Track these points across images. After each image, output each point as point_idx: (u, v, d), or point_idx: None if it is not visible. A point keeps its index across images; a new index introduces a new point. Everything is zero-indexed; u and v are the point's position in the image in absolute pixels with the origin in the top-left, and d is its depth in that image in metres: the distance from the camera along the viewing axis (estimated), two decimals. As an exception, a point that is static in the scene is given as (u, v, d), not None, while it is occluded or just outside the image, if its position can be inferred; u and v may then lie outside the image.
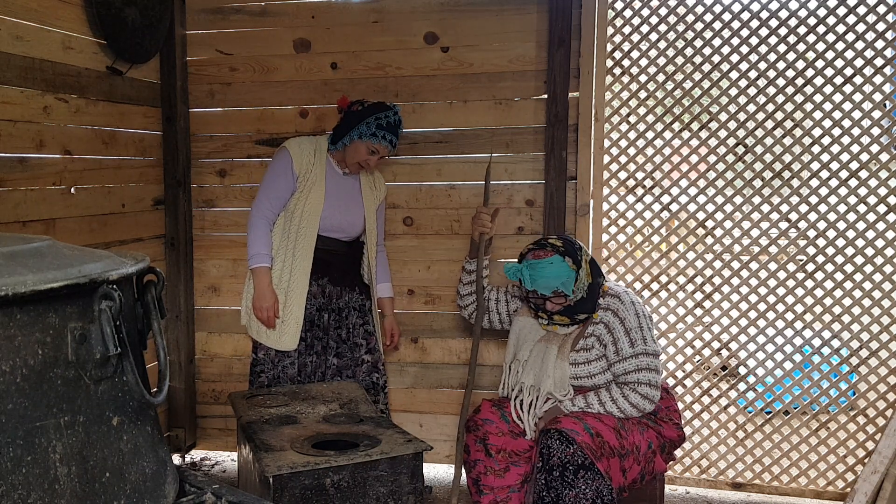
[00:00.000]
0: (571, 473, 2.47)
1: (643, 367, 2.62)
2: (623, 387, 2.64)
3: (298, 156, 3.00)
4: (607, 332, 2.67)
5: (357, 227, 3.12)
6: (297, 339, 3.00)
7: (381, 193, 3.24)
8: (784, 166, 3.16)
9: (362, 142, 2.94)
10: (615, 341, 2.65)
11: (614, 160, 3.29)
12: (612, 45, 3.23)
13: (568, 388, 2.68)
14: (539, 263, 2.64)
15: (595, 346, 2.68)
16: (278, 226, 3.02)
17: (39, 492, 1.09)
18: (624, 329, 2.65)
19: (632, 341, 2.64)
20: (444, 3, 3.35)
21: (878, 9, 3.00)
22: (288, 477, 2.04)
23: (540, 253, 2.68)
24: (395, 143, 3.00)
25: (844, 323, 3.15)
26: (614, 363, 2.66)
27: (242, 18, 3.54)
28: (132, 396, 1.26)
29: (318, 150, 3.06)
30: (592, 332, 2.70)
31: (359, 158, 2.98)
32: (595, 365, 2.68)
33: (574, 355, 2.69)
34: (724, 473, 3.32)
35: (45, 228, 2.81)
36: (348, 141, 2.98)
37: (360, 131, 2.94)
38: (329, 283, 3.08)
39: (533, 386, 2.73)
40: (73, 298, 1.14)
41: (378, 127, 2.92)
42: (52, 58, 2.85)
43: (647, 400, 2.62)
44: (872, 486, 2.96)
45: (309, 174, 3.00)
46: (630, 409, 2.62)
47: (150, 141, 3.51)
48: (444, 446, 3.50)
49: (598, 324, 2.69)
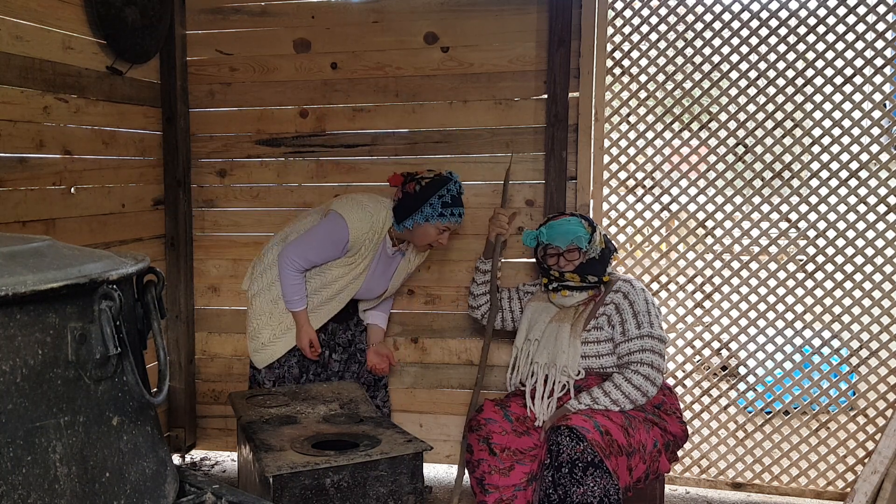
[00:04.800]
0: (580, 471, 2.47)
1: (647, 348, 2.67)
2: (625, 370, 2.67)
3: (357, 237, 2.85)
4: (616, 313, 2.75)
5: (376, 296, 3.12)
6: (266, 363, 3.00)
7: (420, 261, 3.18)
8: (784, 166, 3.16)
9: (431, 224, 2.80)
10: (623, 322, 2.73)
11: (614, 160, 3.29)
12: (612, 45, 3.23)
13: (580, 368, 2.74)
14: (557, 222, 2.83)
15: (605, 326, 2.76)
16: (310, 280, 2.94)
17: (39, 492, 1.09)
18: (633, 311, 2.73)
19: (639, 323, 2.71)
20: (444, 3, 3.35)
21: (878, 9, 3.00)
22: (288, 477, 2.04)
23: (559, 216, 2.88)
24: (463, 214, 2.85)
25: (844, 323, 3.15)
26: (619, 343, 2.71)
27: (242, 18, 3.54)
28: (132, 396, 1.26)
29: (378, 230, 2.89)
30: (603, 311, 2.77)
31: (429, 240, 2.86)
32: (604, 346, 2.75)
33: (585, 334, 2.76)
34: (724, 473, 3.32)
35: (45, 228, 2.81)
36: (412, 225, 2.82)
37: (425, 214, 2.78)
38: (332, 321, 3.08)
39: (547, 363, 2.77)
40: (73, 298, 1.14)
41: (444, 206, 2.77)
42: (52, 58, 2.85)
43: (649, 381, 2.65)
44: (872, 486, 2.96)
45: (360, 256, 2.90)
46: (634, 393, 2.64)
47: (150, 141, 3.51)
48: (444, 446, 3.50)
49: (609, 304, 2.77)
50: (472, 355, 3.48)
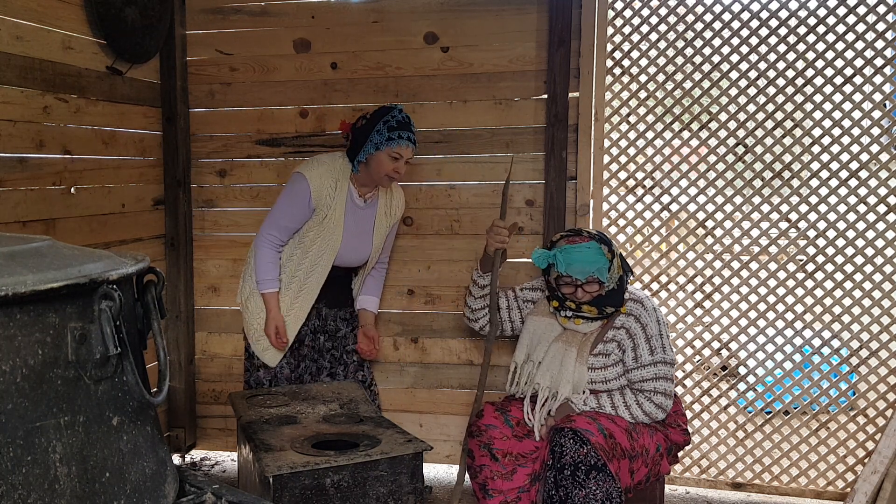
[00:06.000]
0: (583, 474, 2.45)
1: (660, 375, 2.61)
2: (638, 394, 2.62)
3: (318, 189, 2.84)
4: (628, 338, 2.65)
5: (363, 260, 3.08)
6: (279, 357, 3.00)
7: (397, 216, 3.14)
8: (784, 166, 3.16)
9: (381, 151, 2.78)
10: (635, 347, 2.64)
11: (614, 160, 3.29)
12: (612, 45, 3.23)
13: (586, 394, 2.65)
14: (575, 248, 2.61)
15: (614, 351, 2.65)
16: (291, 257, 2.93)
17: (39, 492, 1.09)
18: (645, 336, 2.64)
19: (651, 349, 2.63)
20: (444, 3, 3.35)
21: (878, 9, 3.00)
22: (288, 477, 2.04)
23: (575, 238, 2.65)
24: (415, 140, 2.82)
25: (844, 323, 3.15)
26: (632, 369, 2.64)
27: (242, 18, 3.54)
28: (132, 396, 1.26)
29: (339, 179, 2.88)
30: (613, 336, 2.67)
31: (385, 171, 2.81)
32: (611, 370, 2.65)
33: (592, 359, 2.65)
34: (724, 473, 3.32)
35: (45, 228, 2.81)
36: (365, 157, 2.81)
37: (374, 143, 2.78)
38: (325, 305, 3.07)
39: (549, 388, 2.68)
40: (73, 298, 1.14)
41: (390, 129, 2.76)
42: (52, 58, 2.85)
43: (660, 409, 2.62)
44: (872, 486, 2.96)
45: (328, 209, 2.86)
46: (642, 417, 2.61)
47: (150, 141, 3.51)
48: (444, 446, 3.50)
49: (620, 329, 2.67)
50: (472, 355, 3.48)
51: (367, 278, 3.18)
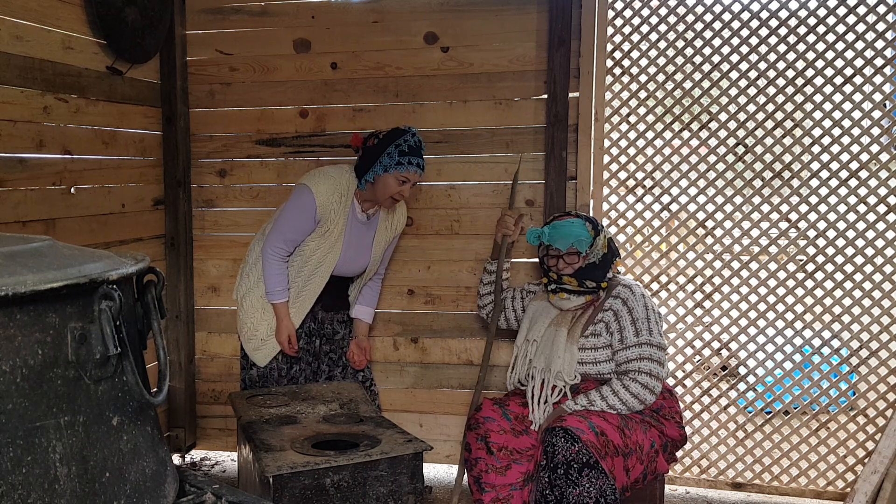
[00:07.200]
0: (576, 472, 2.47)
1: (645, 356, 2.66)
2: (623, 377, 2.67)
3: (324, 204, 2.85)
4: (615, 320, 2.73)
5: (360, 270, 3.11)
6: (269, 357, 3.01)
7: (397, 230, 3.16)
8: (784, 166, 3.16)
9: (389, 174, 2.80)
10: (621, 329, 2.72)
11: (614, 160, 3.29)
12: (612, 45, 3.23)
13: (576, 374, 2.72)
14: (562, 223, 2.82)
15: (603, 333, 2.74)
16: (291, 264, 2.94)
17: (39, 492, 1.09)
18: (631, 318, 2.71)
19: (637, 331, 2.69)
20: (444, 3, 3.35)
21: (878, 9, 3.00)
22: (288, 477, 2.04)
23: (564, 217, 2.87)
24: (423, 166, 2.84)
25: (844, 323, 3.15)
26: (617, 351, 2.71)
27: (242, 18, 3.54)
28: (132, 396, 1.26)
29: (344, 194, 2.89)
30: (602, 318, 2.76)
31: (391, 192, 2.83)
32: (601, 352, 2.73)
33: (582, 340, 2.74)
34: (724, 473, 3.32)
35: (45, 228, 2.81)
36: (372, 178, 2.83)
37: (383, 164, 2.79)
38: (321, 308, 3.08)
39: (544, 369, 2.77)
40: (73, 298, 1.14)
41: (401, 154, 2.78)
42: (52, 58, 2.85)
43: (647, 390, 2.64)
44: (872, 486, 2.96)
45: (331, 223, 2.89)
46: (632, 400, 2.64)
47: (150, 141, 3.51)
48: (444, 446, 3.50)
49: (608, 311, 2.75)
50: (472, 355, 3.48)
51: (364, 288, 3.19)
